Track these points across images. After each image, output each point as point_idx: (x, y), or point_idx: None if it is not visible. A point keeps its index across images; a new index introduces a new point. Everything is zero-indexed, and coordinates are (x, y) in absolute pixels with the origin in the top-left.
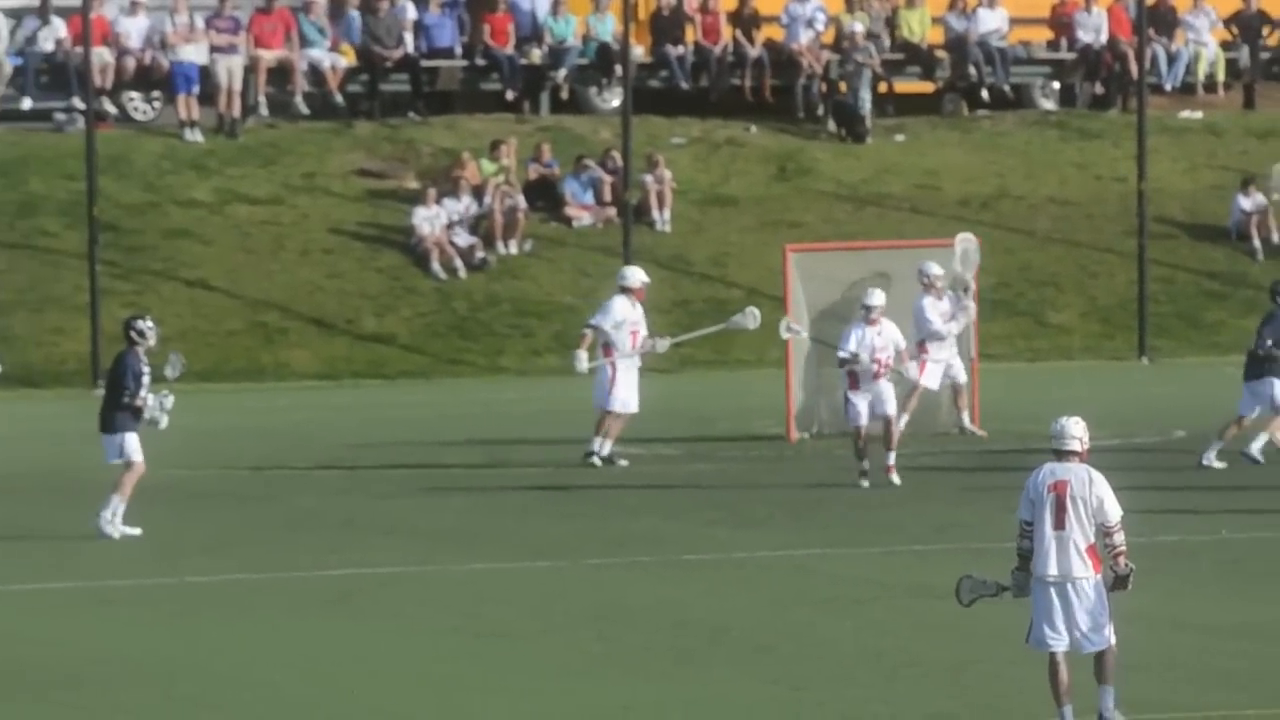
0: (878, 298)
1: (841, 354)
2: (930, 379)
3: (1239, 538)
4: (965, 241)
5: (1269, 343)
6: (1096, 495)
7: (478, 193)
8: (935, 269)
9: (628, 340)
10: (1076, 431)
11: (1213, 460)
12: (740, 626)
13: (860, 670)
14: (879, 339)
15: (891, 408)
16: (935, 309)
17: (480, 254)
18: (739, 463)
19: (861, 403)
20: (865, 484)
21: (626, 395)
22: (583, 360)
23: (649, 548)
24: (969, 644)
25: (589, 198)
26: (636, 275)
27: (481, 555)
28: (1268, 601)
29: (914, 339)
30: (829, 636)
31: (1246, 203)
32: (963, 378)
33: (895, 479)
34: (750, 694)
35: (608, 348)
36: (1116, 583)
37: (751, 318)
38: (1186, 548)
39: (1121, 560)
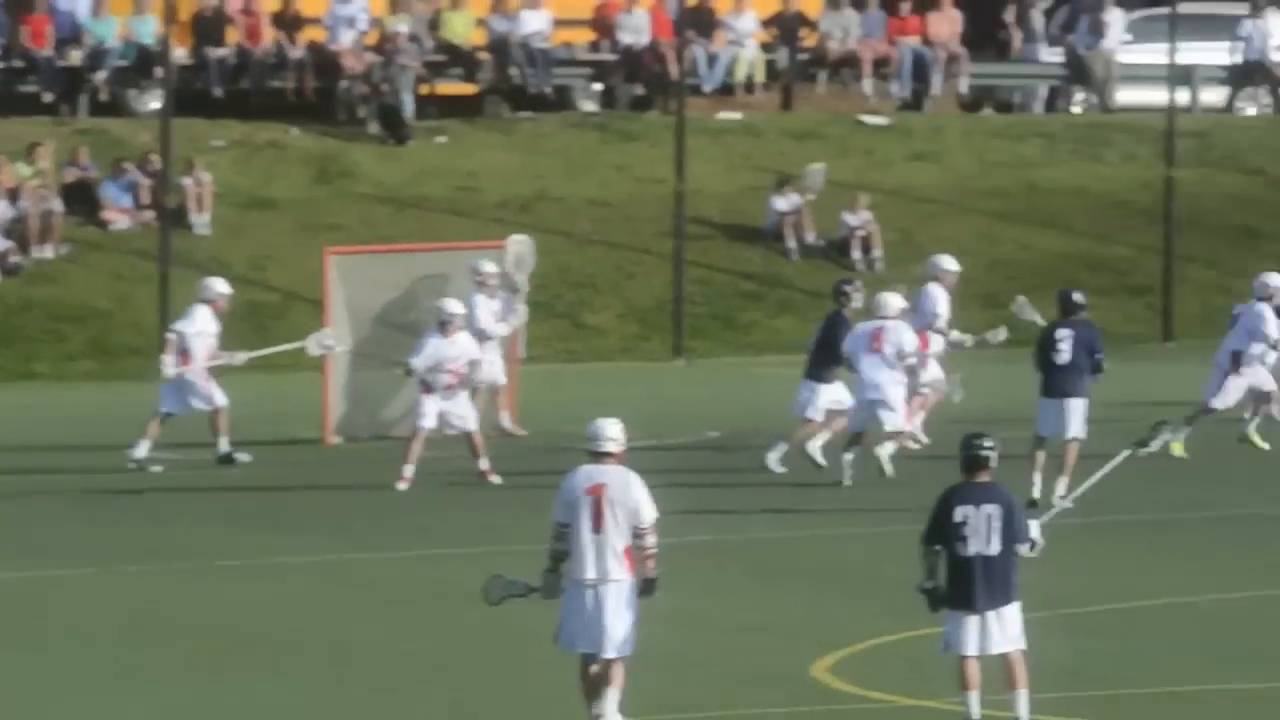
0: (457, 306)
1: (413, 363)
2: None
3: (769, 537)
4: (519, 244)
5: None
6: (633, 498)
7: (12, 196)
8: (489, 266)
9: (204, 350)
10: (613, 433)
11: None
12: (275, 631)
13: (395, 673)
14: (452, 349)
15: (473, 423)
16: (486, 308)
17: (14, 258)
18: (275, 467)
19: (432, 406)
20: (403, 486)
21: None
22: (169, 365)
23: (184, 554)
24: (502, 646)
25: (127, 201)
26: (215, 287)
27: (11, 564)
28: (794, 600)
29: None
30: (363, 640)
31: (782, 203)
32: (502, 379)
33: (495, 479)
34: (283, 699)
35: (185, 355)
36: (645, 586)
37: (317, 344)
38: (718, 547)
39: (650, 564)
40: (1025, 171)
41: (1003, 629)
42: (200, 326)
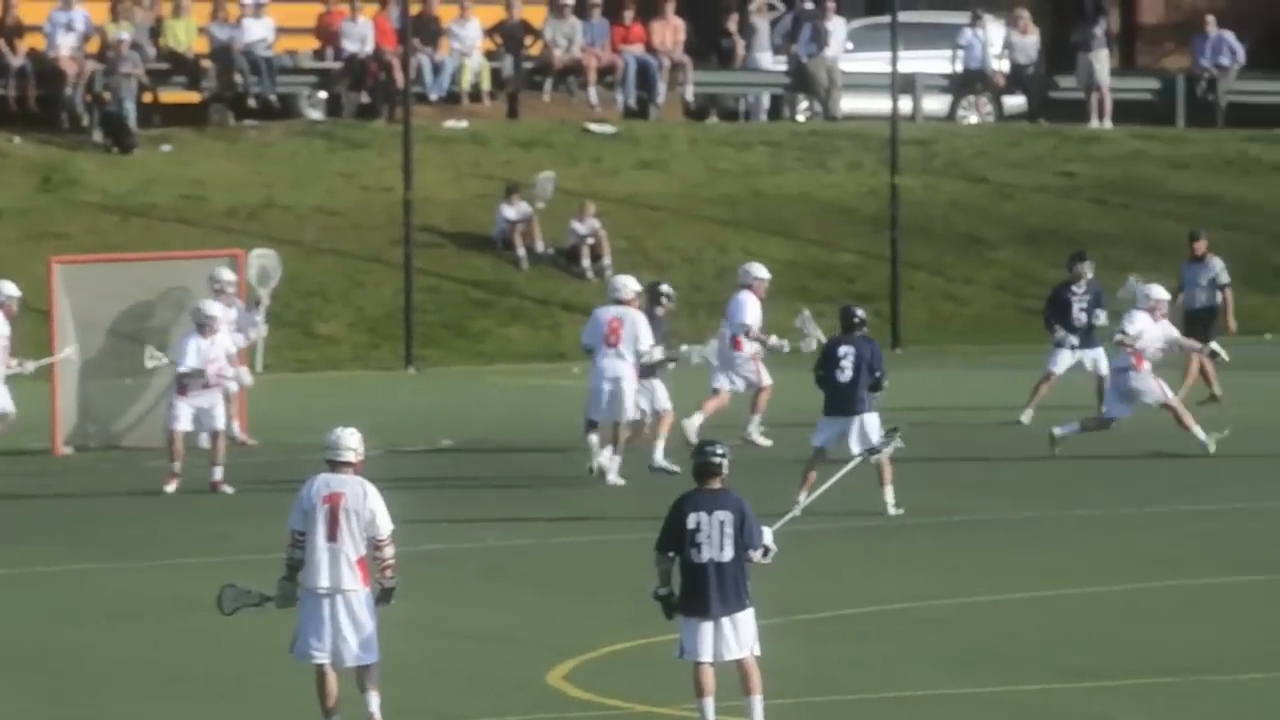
0: (215, 308)
1: (180, 364)
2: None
3: (503, 545)
4: (263, 258)
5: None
6: (370, 508)
7: None
8: (227, 274)
9: None
10: (352, 443)
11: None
12: (11, 644)
13: (133, 684)
14: (212, 350)
15: (221, 423)
16: (223, 316)
17: None
18: (4, 478)
19: (186, 408)
20: (171, 488)
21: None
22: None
23: None
24: (242, 656)
25: None
26: (4, 289)
27: None
28: (531, 608)
29: None
30: (102, 652)
31: (511, 211)
32: (234, 387)
33: (228, 489)
34: (20, 713)
35: None
36: (382, 595)
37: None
38: (454, 555)
39: (388, 573)
40: (752, 179)
41: (737, 635)
42: None
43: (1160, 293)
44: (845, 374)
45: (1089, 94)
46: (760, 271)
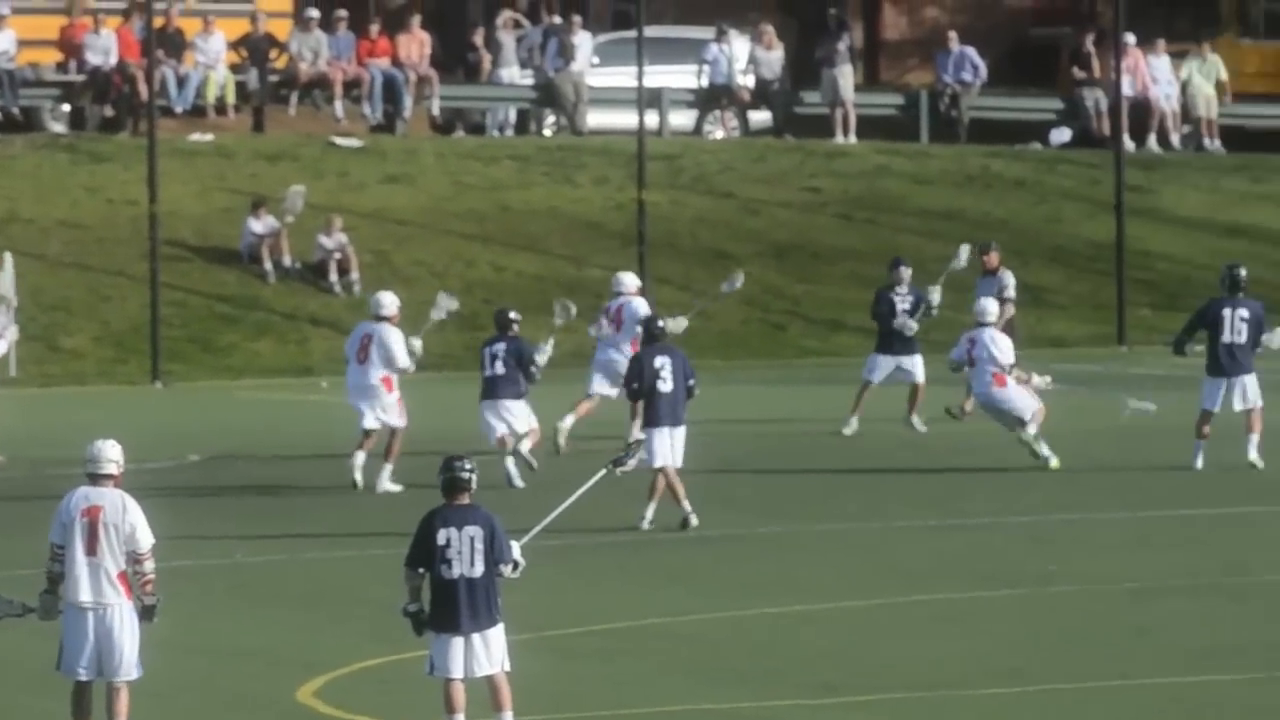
0: None
1: None
2: None
3: (252, 561)
4: None
5: None
6: (130, 522)
7: None
8: None
9: None
10: (113, 455)
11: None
12: None
13: None
14: None
15: None
16: None
17: None
18: None
19: None
20: None
21: None
22: None
23: None
24: None
25: None
26: None
27: None
28: (279, 624)
29: None
30: None
31: (258, 225)
32: None
33: None
34: None
35: None
36: (144, 612)
37: None
38: (201, 572)
39: (149, 588)
40: (499, 193)
41: (488, 651)
42: None
43: (995, 306)
44: (667, 385)
45: (834, 109)
46: (633, 281)
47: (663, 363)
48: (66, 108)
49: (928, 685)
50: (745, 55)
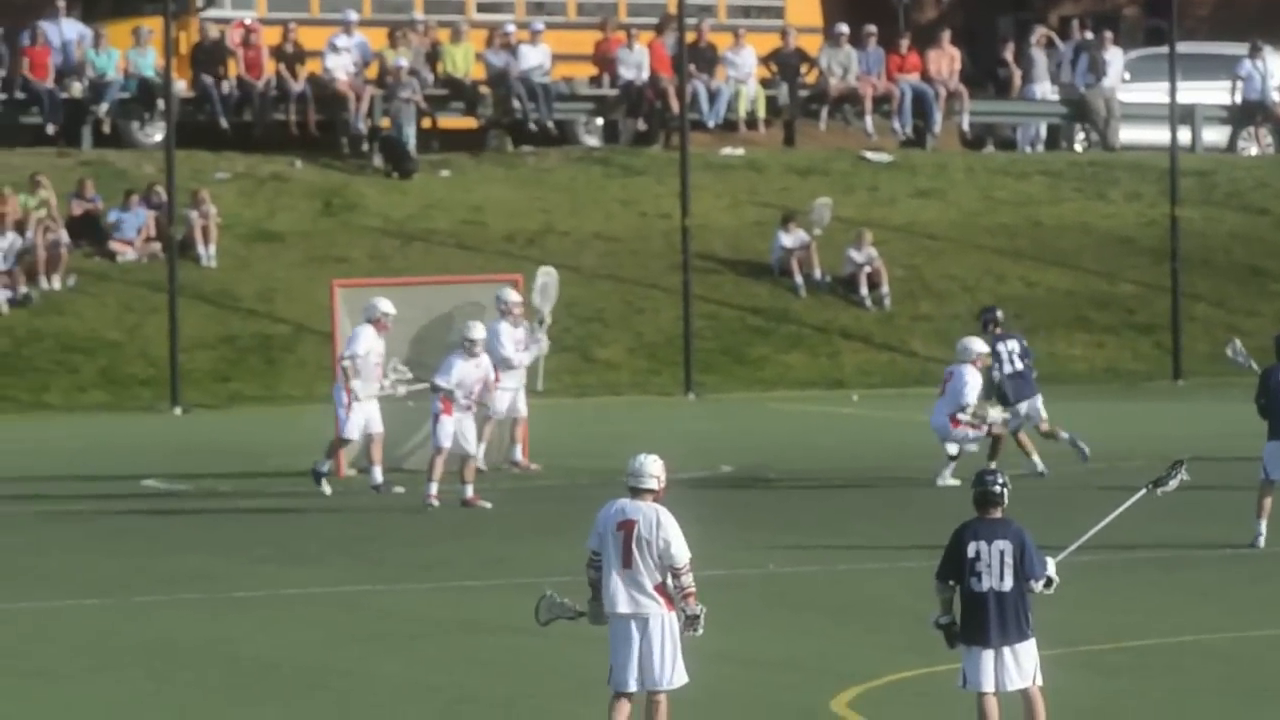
0: (480, 330)
1: (439, 382)
2: (498, 407)
3: (784, 571)
4: (546, 275)
5: None
6: (663, 538)
7: (19, 227)
8: (513, 295)
9: (374, 370)
10: (654, 470)
11: None
12: (291, 663)
13: (412, 706)
14: (477, 371)
15: (474, 448)
16: (509, 336)
17: (23, 289)
18: (289, 498)
19: (449, 426)
20: (435, 504)
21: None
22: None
23: (199, 584)
24: (520, 679)
25: (134, 233)
26: (380, 306)
27: (27, 594)
28: (809, 634)
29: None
30: (381, 672)
31: (788, 239)
32: (523, 410)
33: (485, 503)
34: None
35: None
36: (687, 623)
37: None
38: (735, 581)
39: (691, 600)
40: (1030, 209)
41: (1018, 665)
42: (367, 346)
43: (981, 346)
44: None
45: None
46: (981, 346)
47: None
48: (600, 121)
49: None
50: None
